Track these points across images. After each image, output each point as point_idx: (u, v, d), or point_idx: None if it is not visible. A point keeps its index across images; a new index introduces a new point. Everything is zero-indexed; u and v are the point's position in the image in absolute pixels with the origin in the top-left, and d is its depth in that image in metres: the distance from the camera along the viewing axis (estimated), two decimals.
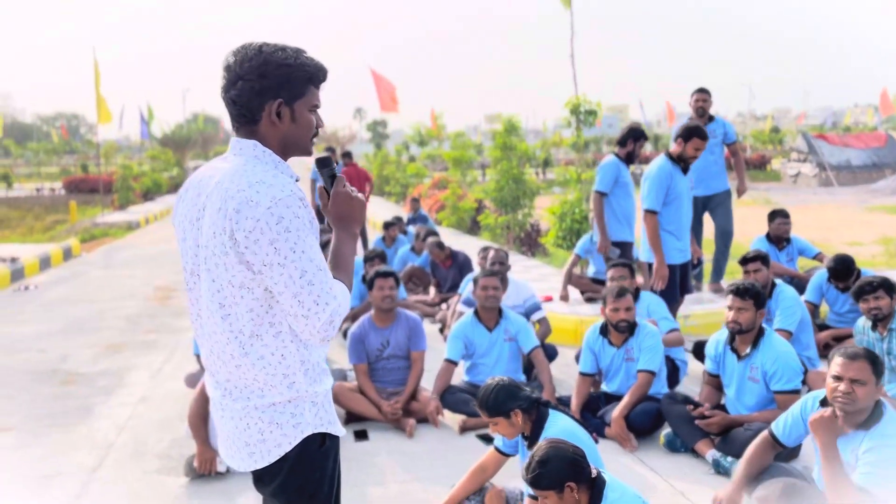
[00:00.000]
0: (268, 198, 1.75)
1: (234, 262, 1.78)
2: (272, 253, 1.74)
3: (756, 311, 4.04)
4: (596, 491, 2.65)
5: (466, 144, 19.11)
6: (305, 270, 1.75)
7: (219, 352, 1.88)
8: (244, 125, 1.91)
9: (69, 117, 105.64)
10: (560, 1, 8.55)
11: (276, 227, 1.74)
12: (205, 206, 1.84)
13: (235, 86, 1.87)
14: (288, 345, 1.85)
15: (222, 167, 1.88)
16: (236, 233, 1.76)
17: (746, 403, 4.12)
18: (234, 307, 1.82)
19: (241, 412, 1.87)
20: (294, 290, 1.75)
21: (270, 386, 1.85)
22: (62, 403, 5.45)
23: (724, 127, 7.41)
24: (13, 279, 10.91)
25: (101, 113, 21.11)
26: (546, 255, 10.94)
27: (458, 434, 4.63)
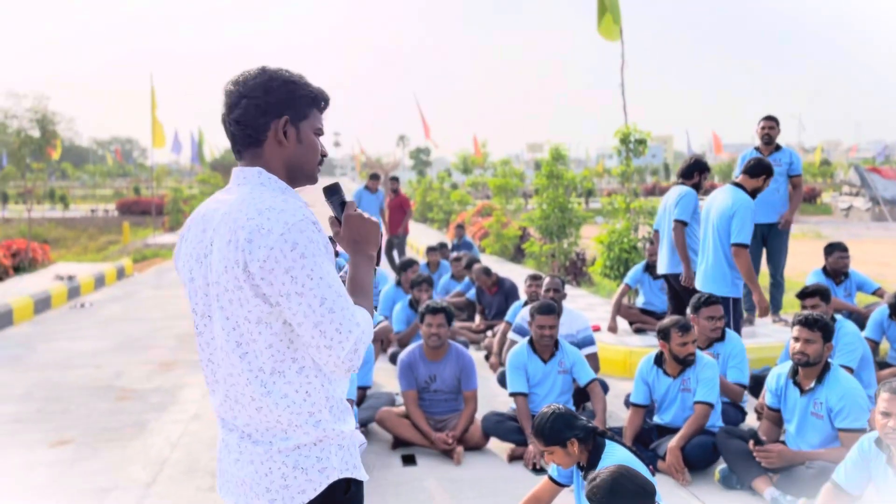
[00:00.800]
0: (280, 224, 1.65)
1: (249, 295, 1.68)
2: (289, 282, 1.64)
3: (823, 343, 3.94)
4: None
5: (512, 172, 19.14)
6: (325, 298, 1.65)
7: (237, 395, 1.75)
8: (248, 147, 1.81)
9: (123, 141, 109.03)
10: (603, 36, 8.55)
11: (291, 255, 1.64)
12: (212, 241, 1.74)
13: (239, 105, 1.78)
14: (312, 380, 1.74)
15: (227, 199, 1.78)
16: (249, 264, 1.65)
17: (809, 440, 4.00)
18: (252, 344, 1.71)
19: (263, 456, 1.73)
20: (315, 319, 1.64)
21: (296, 426, 1.72)
22: (117, 419, 5.57)
23: (790, 157, 7.32)
24: (70, 297, 11.23)
25: (155, 137, 21.78)
26: (591, 285, 10.85)
27: (506, 463, 4.59)
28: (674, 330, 4.43)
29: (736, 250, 5.33)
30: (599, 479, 2.67)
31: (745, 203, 5.35)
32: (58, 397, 6.12)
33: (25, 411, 5.75)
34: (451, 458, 4.61)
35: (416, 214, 26.03)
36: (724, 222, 5.39)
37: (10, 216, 29.71)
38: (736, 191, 5.45)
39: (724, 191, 5.55)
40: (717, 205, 5.49)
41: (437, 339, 4.82)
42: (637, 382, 4.62)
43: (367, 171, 20.46)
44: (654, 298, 7.45)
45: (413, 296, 7.19)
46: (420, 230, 21.84)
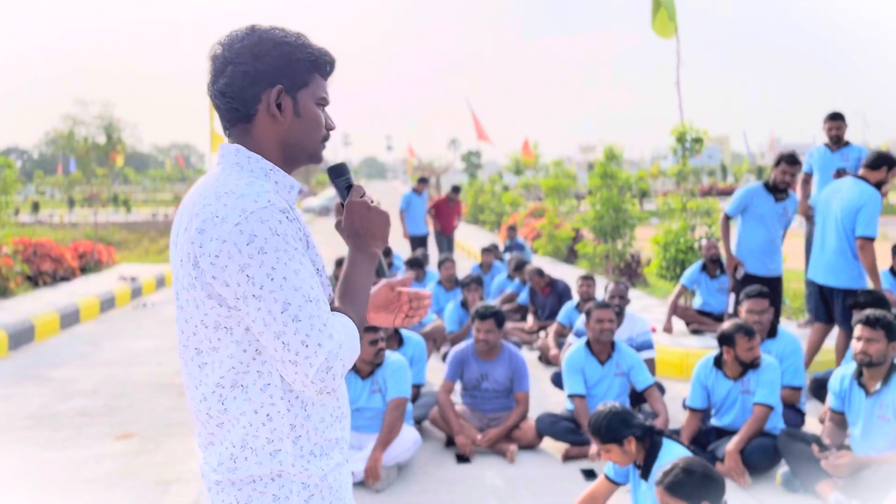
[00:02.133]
0: (236, 212, 1.37)
1: (203, 296, 1.41)
2: (245, 282, 1.36)
3: (888, 343, 3.80)
4: None
5: (565, 173, 19.01)
6: (288, 303, 1.36)
7: (196, 409, 1.51)
8: (236, 123, 1.52)
9: (182, 147, 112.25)
10: (658, 33, 8.43)
11: (246, 249, 1.36)
12: (179, 230, 1.49)
13: (224, 73, 1.49)
14: (277, 402, 1.45)
15: (201, 181, 1.52)
16: (200, 259, 1.39)
17: (875, 444, 3.86)
18: (212, 353, 1.45)
19: (216, 486, 1.49)
20: (275, 328, 1.36)
21: (251, 449, 1.45)
22: (179, 414, 5.73)
23: (858, 153, 7.09)
24: (133, 296, 11.61)
25: (213, 143, 22.34)
26: (647, 286, 10.70)
27: (560, 462, 4.56)
28: (739, 335, 4.29)
29: (863, 243, 5.31)
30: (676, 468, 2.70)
31: (874, 196, 5.33)
32: (123, 393, 6.33)
33: (92, 406, 5.97)
34: (504, 457, 4.61)
35: (467, 216, 26.05)
36: (850, 215, 5.36)
37: (76, 220, 30.87)
38: (862, 183, 5.42)
39: (848, 182, 5.50)
40: (843, 197, 5.45)
41: (485, 345, 4.81)
42: (694, 386, 4.53)
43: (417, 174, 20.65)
44: (710, 299, 7.31)
45: (464, 296, 7.24)
46: (472, 232, 21.85)
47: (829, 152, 7.03)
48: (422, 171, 34.60)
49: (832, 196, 5.59)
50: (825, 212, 5.62)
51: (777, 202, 5.94)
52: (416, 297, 1.81)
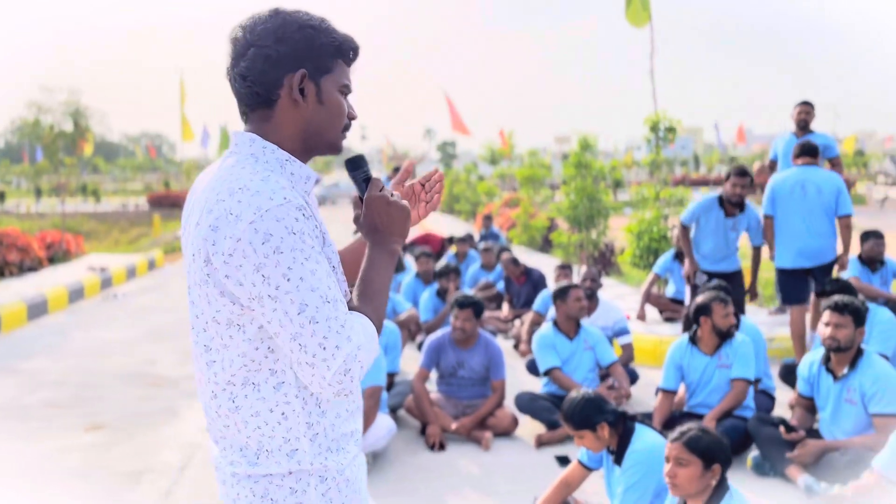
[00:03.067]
0: (251, 210, 1.32)
1: (215, 293, 1.37)
2: (260, 282, 1.32)
3: (855, 328, 3.87)
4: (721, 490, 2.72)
5: (540, 163, 19.07)
6: (305, 304, 1.32)
7: (207, 407, 1.48)
8: (256, 108, 1.46)
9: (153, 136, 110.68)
10: (631, 22, 8.46)
11: (261, 249, 1.31)
12: (188, 223, 1.45)
13: (245, 56, 1.43)
14: (292, 401, 1.42)
15: (213, 170, 1.47)
16: (213, 257, 1.35)
17: (843, 427, 3.93)
18: (222, 351, 1.41)
19: (231, 479, 1.46)
20: (292, 330, 1.32)
21: (267, 451, 1.42)
22: (150, 405, 5.66)
23: (825, 140, 7.19)
24: (102, 287, 11.43)
25: (185, 132, 22.04)
26: (620, 275, 10.77)
27: (534, 449, 4.58)
28: (715, 303, 4.39)
29: (848, 221, 5.75)
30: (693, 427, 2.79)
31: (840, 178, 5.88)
32: (92, 384, 6.24)
33: (61, 397, 5.87)
34: (479, 444, 4.62)
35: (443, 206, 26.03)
36: (832, 198, 5.71)
37: (43, 210, 30.30)
38: (822, 169, 5.95)
39: (811, 170, 5.81)
40: (817, 183, 5.73)
41: (462, 333, 4.83)
42: (667, 368, 4.58)
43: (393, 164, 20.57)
44: (683, 287, 7.37)
45: (440, 285, 7.24)
46: (447, 222, 21.85)
47: (794, 139, 7.14)
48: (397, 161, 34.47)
49: (804, 186, 5.70)
50: (799, 202, 5.69)
51: (727, 217, 6.10)
52: (426, 179, 1.76)
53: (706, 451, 2.67)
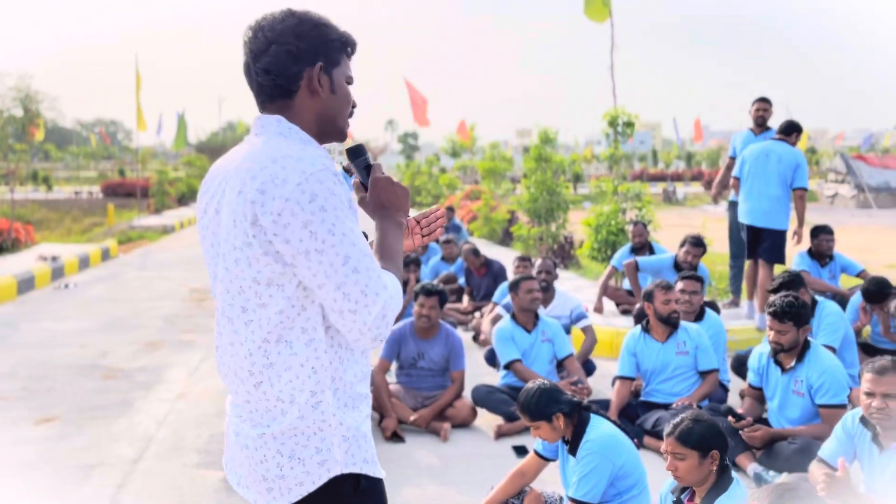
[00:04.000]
0: (296, 173, 1.48)
1: (258, 254, 1.50)
2: (307, 238, 1.46)
3: (798, 329, 3.98)
4: (725, 479, 2.76)
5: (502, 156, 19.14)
6: (349, 256, 1.47)
7: (237, 367, 1.59)
8: (276, 99, 1.63)
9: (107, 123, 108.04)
10: (590, 17, 8.54)
11: (309, 207, 1.47)
12: (224, 193, 1.58)
13: (267, 52, 1.60)
14: (321, 356, 1.55)
15: (242, 150, 1.62)
16: (262, 217, 1.48)
17: (790, 417, 4.05)
18: (260, 311, 1.54)
19: (258, 441, 1.57)
20: (337, 280, 1.47)
21: (296, 403, 1.54)
22: (103, 397, 5.55)
23: None
24: (54, 277, 11.15)
25: (140, 120, 21.54)
26: (579, 268, 10.90)
27: (493, 440, 4.62)
28: (657, 290, 4.56)
29: (801, 193, 6.45)
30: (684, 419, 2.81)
31: (804, 156, 6.53)
32: (42, 376, 6.09)
33: (10, 389, 5.71)
34: (438, 436, 4.63)
35: None
36: (790, 170, 6.39)
37: None
38: (789, 146, 6.54)
39: (779, 145, 6.53)
40: (780, 156, 6.45)
41: (427, 321, 4.85)
42: (623, 356, 4.68)
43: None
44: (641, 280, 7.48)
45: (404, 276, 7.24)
46: None
47: (752, 136, 7.31)
48: None
49: (768, 154, 6.50)
50: (762, 167, 6.48)
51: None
52: (424, 217, 1.93)
53: (700, 441, 2.71)
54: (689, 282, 5.16)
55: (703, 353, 4.56)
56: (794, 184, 6.42)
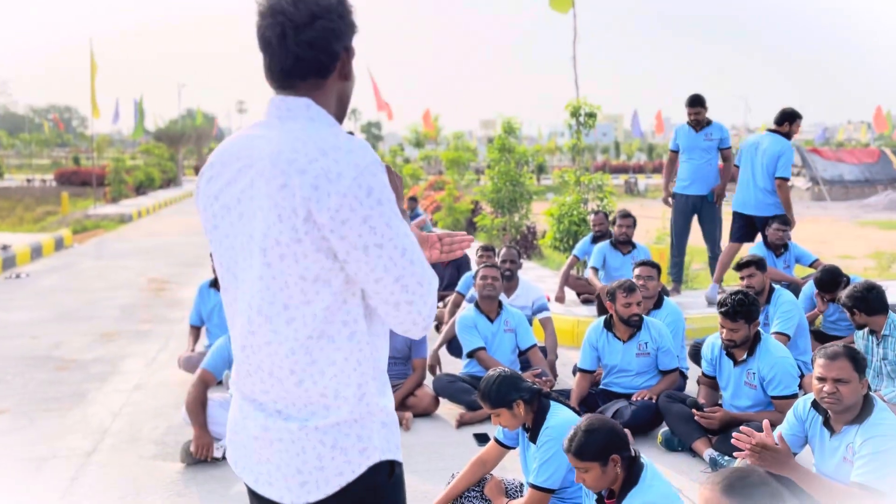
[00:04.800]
0: (351, 167, 1.43)
1: (309, 250, 1.43)
2: (367, 233, 1.42)
3: (749, 326, 4.06)
4: (636, 470, 2.72)
5: (465, 146, 19.14)
6: (406, 248, 1.45)
7: (272, 367, 1.51)
8: (309, 77, 1.53)
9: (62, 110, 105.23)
10: (554, 8, 8.56)
11: (367, 201, 1.42)
12: (252, 185, 1.48)
13: (312, 26, 1.49)
14: (364, 348, 1.52)
15: (269, 135, 1.50)
16: (317, 214, 1.41)
17: (742, 406, 4.14)
18: (304, 308, 1.47)
19: (297, 434, 1.51)
20: (396, 273, 1.44)
21: (342, 398, 1.50)
22: (56, 389, 5.41)
23: (720, 132, 7.50)
24: (5, 267, 10.84)
25: (94, 106, 21.01)
26: (542, 258, 10.96)
27: (455, 429, 4.62)
28: (620, 291, 4.55)
29: (780, 183, 6.74)
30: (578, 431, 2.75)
31: (788, 146, 6.79)
32: None
33: None
34: (400, 425, 4.62)
35: None
36: (773, 161, 6.73)
37: None
38: (778, 136, 6.83)
39: (769, 136, 6.87)
40: (765, 148, 6.83)
41: None
42: (585, 348, 4.71)
43: None
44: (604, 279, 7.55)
45: None
46: None
47: (693, 132, 7.44)
48: None
49: (756, 146, 6.91)
50: (752, 159, 6.92)
51: (625, 255, 6.97)
52: (449, 236, 1.88)
53: (596, 453, 2.65)
54: (644, 268, 5.25)
55: (665, 354, 4.58)
56: (777, 173, 6.72)
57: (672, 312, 5.16)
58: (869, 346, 4.55)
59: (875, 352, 4.51)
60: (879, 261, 11.16)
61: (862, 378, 3.02)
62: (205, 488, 3.79)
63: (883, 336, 4.46)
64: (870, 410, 3.00)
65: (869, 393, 3.06)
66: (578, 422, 2.80)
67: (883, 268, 10.51)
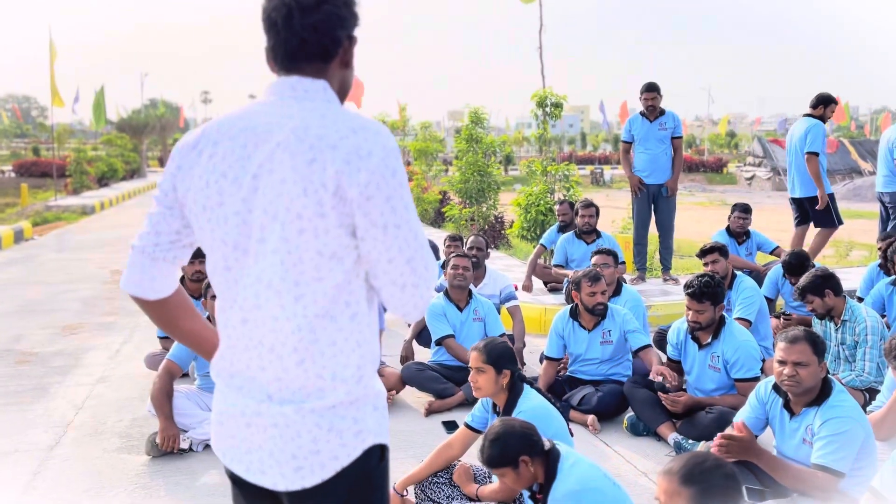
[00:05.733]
0: (379, 147, 1.46)
1: (332, 225, 1.45)
2: (388, 212, 1.45)
3: (714, 308, 4.14)
4: (551, 462, 2.72)
5: (433, 137, 19.10)
6: (417, 231, 1.49)
7: (276, 342, 1.50)
8: (314, 61, 1.55)
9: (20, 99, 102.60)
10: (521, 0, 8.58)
11: (392, 181, 1.45)
12: (272, 158, 1.46)
13: (319, 10, 1.51)
14: (364, 329, 1.54)
15: (286, 112, 1.50)
16: (347, 189, 1.43)
17: (705, 389, 4.22)
18: (315, 284, 1.47)
19: (291, 417, 1.49)
20: (408, 254, 1.48)
21: (341, 380, 1.50)
22: (16, 383, 5.30)
23: (674, 120, 7.55)
24: None
25: (55, 96, 20.52)
26: (509, 247, 11.01)
27: (423, 417, 4.64)
28: (584, 280, 4.60)
29: (808, 157, 7.09)
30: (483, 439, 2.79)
31: (816, 124, 7.15)
32: None
33: None
34: None
35: None
36: (802, 140, 7.17)
37: None
38: (808, 118, 7.26)
39: (801, 120, 7.33)
40: (796, 130, 7.31)
41: None
42: (551, 337, 4.75)
43: None
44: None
45: None
46: None
47: (647, 122, 7.48)
48: None
49: (793, 133, 7.37)
50: (790, 145, 7.42)
51: (589, 244, 7.02)
52: None
53: (504, 459, 2.71)
54: (600, 256, 5.34)
55: (633, 335, 4.62)
56: (804, 148, 7.11)
57: (631, 298, 5.25)
58: (827, 331, 4.66)
59: (833, 337, 4.62)
60: (838, 249, 11.40)
61: (821, 361, 3.09)
62: (171, 480, 3.75)
63: (842, 321, 4.57)
64: (828, 393, 3.08)
65: (828, 376, 3.15)
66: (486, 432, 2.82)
67: (841, 255, 10.75)
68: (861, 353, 4.47)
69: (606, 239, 7.08)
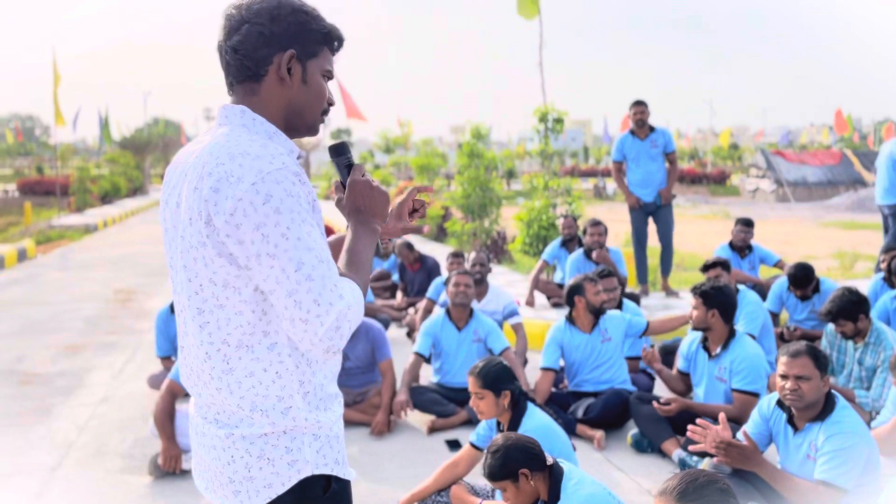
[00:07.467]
0: (252, 172, 1.40)
1: (213, 255, 1.43)
2: (259, 240, 1.38)
3: (722, 318, 4.15)
4: (554, 479, 2.69)
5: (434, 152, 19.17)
6: (302, 262, 1.39)
7: (199, 370, 1.52)
8: (243, 81, 1.55)
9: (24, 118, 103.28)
10: (521, 14, 8.64)
11: (263, 208, 1.38)
12: (182, 187, 1.50)
13: (239, 31, 1.52)
14: (285, 360, 1.49)
15: (204, 140, 1.53)
16: (214, 217, 1.40)
17: (712, 402, 4.19)
18: (217, 312, 1.46)
19: (225, 441, 1.50)
20: (288, 287, 1.39)
21: (261, 411, 1.48)
22: (19, 404, 5.30)
23: (664, 137, 7.57)
24: None
25: (58, 115, 20.65)
26: (512, 262, 11.00)
27: (426, 435, 4.61)
28: (587, 283, 4.68)
29: None
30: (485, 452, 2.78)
31: None
32: None
33: None
34: (368, 429, 4.60)
35: None
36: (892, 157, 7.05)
37: None
38: None
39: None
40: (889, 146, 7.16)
41: None
42: (548, 347, 4.75)
43: None
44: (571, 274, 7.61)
45: None
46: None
47: (637, 140, 7.50)
48: None
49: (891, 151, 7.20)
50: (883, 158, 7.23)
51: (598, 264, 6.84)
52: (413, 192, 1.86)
53: (504, 472, 2.68)
54: (607, 280, 5.28)
55: (631, 324, 4.73)
56: None
57: (630, 309, 5.29)
58: (843, 346, 4.56)
59: (851, 354, 4.51)
60: (842, 261, 11.38)
61: (823, 376, 3.08)
62: (173, 501, 3.74)
63: (865, 343, 4.43)
64: (832, 408, 3.07)
65: (831, 391, 3.13)
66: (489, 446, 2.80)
67: (846, 267, 10.73)
68: (881, 379, 4.32)
69: (614, 254, 7.06)
